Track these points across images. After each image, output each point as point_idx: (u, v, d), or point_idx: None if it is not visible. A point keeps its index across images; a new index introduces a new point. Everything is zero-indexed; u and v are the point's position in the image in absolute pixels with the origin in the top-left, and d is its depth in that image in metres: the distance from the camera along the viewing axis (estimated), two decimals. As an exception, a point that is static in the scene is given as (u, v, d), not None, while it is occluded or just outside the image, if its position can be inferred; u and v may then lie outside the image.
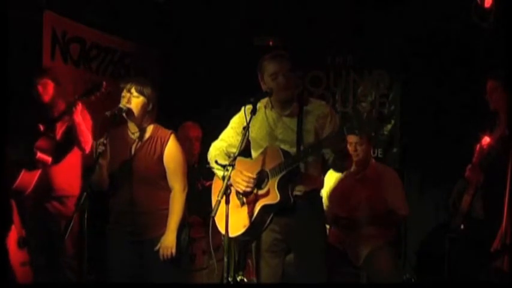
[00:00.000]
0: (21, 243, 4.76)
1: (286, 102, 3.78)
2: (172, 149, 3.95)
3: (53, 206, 4.68)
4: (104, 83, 4.26)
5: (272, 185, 3.66)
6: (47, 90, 4.67)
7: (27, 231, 4.71)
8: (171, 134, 3.99)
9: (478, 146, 4.33)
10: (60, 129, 4.67)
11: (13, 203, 4.69)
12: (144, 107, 3.92)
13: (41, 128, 4.57)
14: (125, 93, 3.91)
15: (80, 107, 4.49)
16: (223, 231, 3.54)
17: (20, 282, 4.59)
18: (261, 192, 3.71)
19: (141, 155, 3.92)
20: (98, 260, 3.95)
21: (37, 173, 4.56)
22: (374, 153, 5.96)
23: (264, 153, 3.77)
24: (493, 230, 3.96)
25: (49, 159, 4.58)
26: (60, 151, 4.66)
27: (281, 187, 3.64)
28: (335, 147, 3.61)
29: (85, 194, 3.56)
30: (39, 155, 4.53)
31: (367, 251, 4.67)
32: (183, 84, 6.29)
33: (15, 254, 4.67)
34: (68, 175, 4.71)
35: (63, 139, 4.67)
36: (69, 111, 4.48)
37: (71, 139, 4.64)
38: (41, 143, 4.55)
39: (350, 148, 4.60)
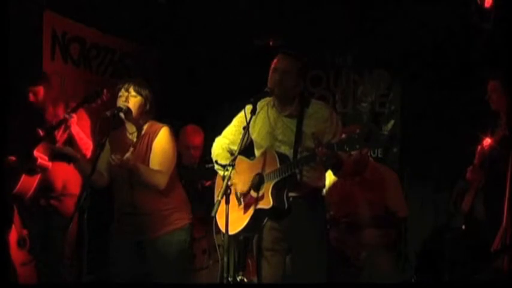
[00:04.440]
0: (21, 243, 4.77)
1: (284, 101, 3.78)
2: (160, 140, 3.88)
3: (51, 205, 4.67)
4: (105, 90, 4.18)
5: (267, 189, 3.67)
6: (38, 97, 4.64)
7: (29, 230, 4.71)
8: (162, 127, 3.93)
9: (479, 147, 4.32)
10: (61, 138, 4.64)
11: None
12: (141, 107, 3.91)
13: (41, 133, 4.56)
14: (122, 92, 3.90)
15: (75, 118, 4.46)
16: (223, 230, 3.55)
17: (20, 282, 4.59)
18: (257, 195, 3.73)
19: (136, 154, 3.90)
20: (98, 260, 3.96)
21: (37, 178, 4.56)
22: (374, 153, 5.97)
23: (263, 156, 3.77)
24: (494, 230, 3.96)
25: (49, 164, 4.58)
26: (61, 157, 4.63)
27: (275, 192, 3.64)
28: (327, 164, 3.61)
29: (85, 194, 3.56)
30: (40, 161, 4.52)
31: (367, 251, 4.68)
32: (183, 85, 6.29)
33: (15, 254, 4.67)
34: (67, 174, 4.71)
35: (64, 146, 4.64)
36: (65, 121, 4.45)
37: (72, 146, 4.62)
38: (40, 149, 4.54)
39: None
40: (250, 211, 3.74)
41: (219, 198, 3.44)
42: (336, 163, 3.62)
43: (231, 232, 3.68)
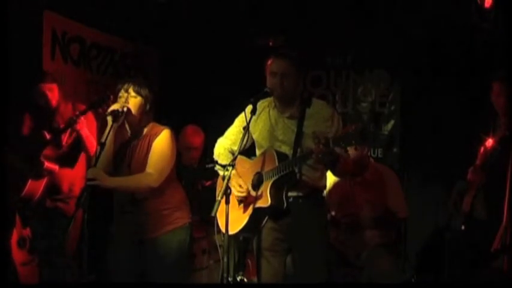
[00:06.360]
0: (21, 243, 4.77)
1: (286, 103, 3.78)
2: (160, 142, 3.86)
3: (57, 207, 4.67)
4: (112, 96, 4.16)
5: (265, 188, 3.67)
6: (54, 94, 4.64)
7: (30, 230, 4.71)
8: (163, 129, 3.91)
9: (482, 148, 4.30)
10: (67, 141, 4.64)
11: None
12: (141, 107, 3.90)
13: (47, 136, 4.56)
14: (122, 93, 3.89)
15: (83, 122, 4.47)
16: (223, 230, 3.56)
17: (20, 282, 4.60)
18: (256, 193, 3.73)
19: (136, 155, 3.90)
20: (98, 260, 3.96)
21: (44, 181, 4.56)
22: (374, 153, 5.97)
23: (263, 155, 3.78)
24: (494, 230, 3.96)
25: (56, 167, 4.58)
26: (67, 160, 4.65)
27: (274, 191, 3.64)
28: (323, 160, 3.60)
29: (85, 193, 3.56)
30: (47, 164, 4.53)
31: (367, 251, 4.68)
32: (183, 85, 6.29)
33: (16, 254, 4.67)
34: (73, 176, 4.71)
35: (70, 149, 4.65)
36: (72, 124, 4.45)
37: (78, 149, 4.63)
38: (47, 152, 4.55)
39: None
40: (250, 210, 3.75)
41: (219, 198, 3.44)
42: (332, 160, 3.61)
43: (231, 232, 3.69)
